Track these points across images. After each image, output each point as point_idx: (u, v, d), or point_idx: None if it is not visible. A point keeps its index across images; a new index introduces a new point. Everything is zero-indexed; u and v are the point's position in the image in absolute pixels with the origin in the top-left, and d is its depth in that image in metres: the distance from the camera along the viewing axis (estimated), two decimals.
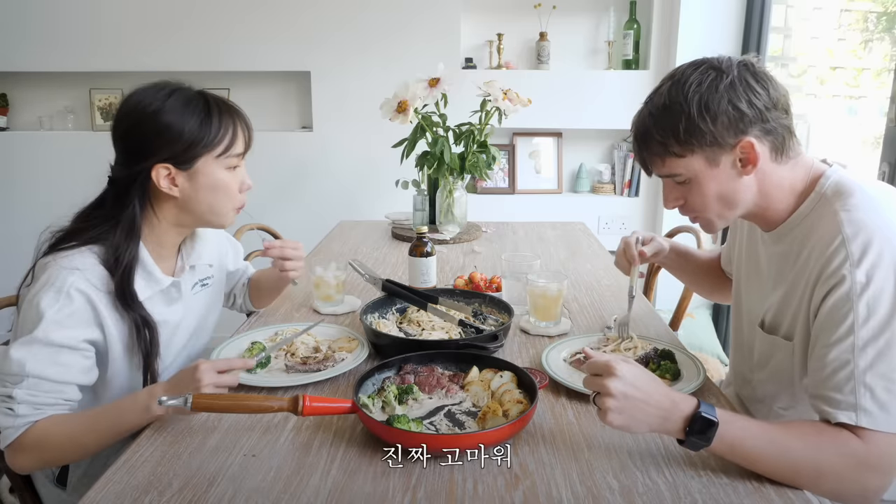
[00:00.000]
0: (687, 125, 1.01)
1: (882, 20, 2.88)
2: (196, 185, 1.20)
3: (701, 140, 1.02)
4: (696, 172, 1.05)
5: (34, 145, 3.23)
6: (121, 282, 1.16)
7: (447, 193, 2.31)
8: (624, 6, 3.16)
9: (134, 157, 1.18)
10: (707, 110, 1.00)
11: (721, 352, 2.96)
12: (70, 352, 1.11)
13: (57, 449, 1.09)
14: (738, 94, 1.00)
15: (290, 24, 3.07)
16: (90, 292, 1.13)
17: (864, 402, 0.91)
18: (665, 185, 1.13)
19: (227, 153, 1.21)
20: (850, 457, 0.90)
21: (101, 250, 1.16)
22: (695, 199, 1.09)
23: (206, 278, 1.40)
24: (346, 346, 1.34)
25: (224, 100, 1.24)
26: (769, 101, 1.01)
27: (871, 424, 0.90)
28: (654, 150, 1.08)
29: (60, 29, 3.08)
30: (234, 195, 1.25)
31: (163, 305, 1.27)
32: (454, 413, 1.09)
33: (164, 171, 1.17)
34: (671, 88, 1.04)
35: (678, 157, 1.05)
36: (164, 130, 1.16)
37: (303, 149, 3.22)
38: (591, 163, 3.40)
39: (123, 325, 1.18)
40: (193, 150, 1.17)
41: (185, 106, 1.17)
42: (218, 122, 1.19)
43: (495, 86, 2.21)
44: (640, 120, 1.10)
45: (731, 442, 0.91)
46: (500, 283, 1.69)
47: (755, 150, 1.01)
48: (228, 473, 0.94)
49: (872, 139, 2.55)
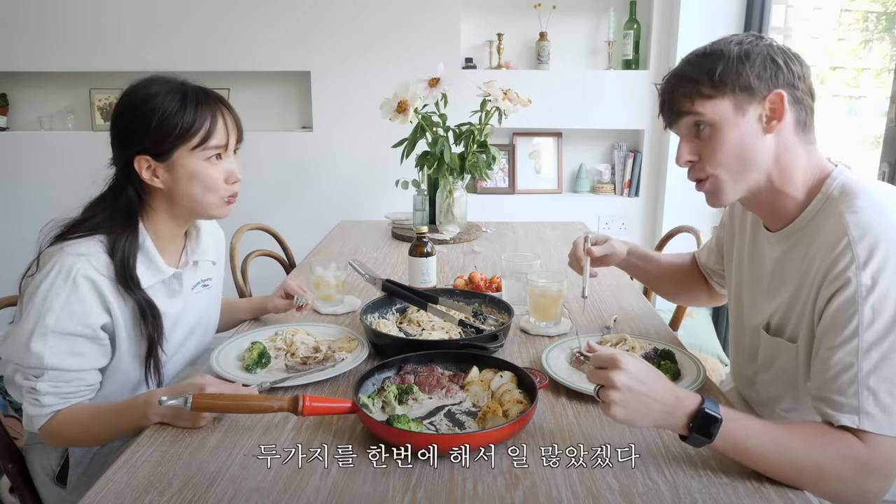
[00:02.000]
0: (725, 67, 1.03)
1: (882, 20, 2.88)
2: (175, 176, 1.21)
3: (735, 82, 1.02)
4: (721, 117, 1.04)
5: (34, 145, 3.23)
6: (122, 266, 1.18)
7: (447, 193, 2.31)
8: (624, 6, 3.16)
9: (118, 148, 1.21)
10: (747, 57, 1.02)
11: (721, 352, 2.96)
12: (85, 341, 1.15)
13: (74, 436, 1.18)
14: (777, 53, 1.03)
15: (290, 24, 3.07)
16: (95, 278, 1.15)
17: (867, 406, 0.90)
18: (682, 138, 1.10)
19: (204, 145, 1.20)
20: (852, 459, 0.90)
21: (104, 238, 1.19)
22: (713, 150, 1.06)
23: (207, 279, 1.40)
24: (346, 346, 1.34)
25: (206, 91, 1.23)
26: (802, 74, 1.04)
27: (874, 428, 0.90)
28: (684, 88, 1.06)
29: (60, 29, 3.08)
30: (217, 187, 1.24)
31: (164, 297, 1.28)
32: (454, 413, 1.09)
33: (144, 162, 1.19)
34: (713, 44, 1.07)
35: (707, 99, 1.04)
36: (140, 122, 1.18)
37: (303, 149, 3.22)
38: (591, 163, 3.40)
39: (127, 310, 1.20)
40: (167, 143, 1.18)
41: (162, 98, 1.18)
42: (193, 113, 1.18)
43: (495, 86, 2.22)
44: (677, 66, 1.10)
45: (734, 440, 0.91)
46: (500, 283, 1.69)
47: (784, 104, 1.02)
48: (228, 473, 0.94)
49: (872, 139, 2.55)
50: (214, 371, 1.22)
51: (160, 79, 1.22)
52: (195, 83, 1.24)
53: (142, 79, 1.23)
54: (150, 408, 1.07)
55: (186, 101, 1.19)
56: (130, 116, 1.20)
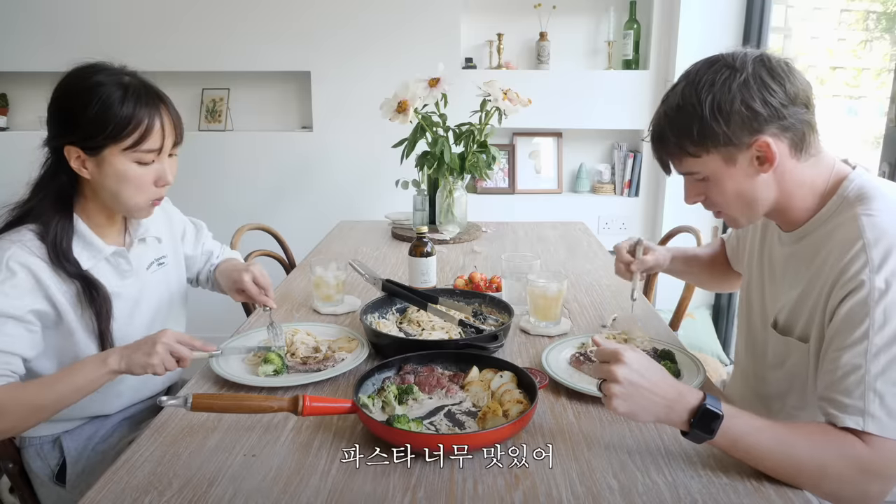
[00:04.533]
0: (701, 126, 1.01)
1: (882, 20, 2.88)
2: (103, 172, 1.18)
3: (715, 141, 1.02)
4: (713, 171, 1.06)
5: (34, 145, 3.21)
6: (54, 247, 1.17)
7: (447, 193, 2.31)
8: (624, 6, 3.16)
9: (52, 132, 1.20)
10: (720, 111, 1.00)
11: (721, 352, 2.96)
12: (15, 322, 1.11)
13: (15, 417, 1.08)
14: (752, 93, 0.99)
15: (290, 24, 3.07)
16: (30, 262, 1.14)
17: (873, 409, 0.90)
18: (686, 181, 1.13)
19: (136, 148, 1.16)
20: (854, 460, 0.90)
21: (36, 226, 1.18)
22: (715, 196, 1.10)
23: (161, 257, 1.39)
24: (346, 346, 1.35)
25: (149, 90, 1.19)
26: (786, 98, 1.00)
27: (878, 430, 0.90)
28: (670, 150, 1.09)
29: (60, 29, 3.08)
30: (144, 188, 1.21)
31: (115, 277, 1.27)
32: (454, 413, 1.09)
33: (74, 152, 1.17)
34: (685, 88, 1.04)
35: (694, 157, 1.05)
36: (72, 114, 1.16)
37: (303, 149, 3.22)
38: (591, 163, 3.40)
39: (70, 291, 1.19)
40: (98, 139, 1.15)
41: (105, 89, 1.15)
42: (129, 114, 1.14)
43: (495, 86, 2.21)
44: (657, 120, 1.10)
45: (735, 436, 0.91)
46: (500, 283, 1.69)
47: (771, 148, 1.01)
48: (228, 473, 0.94)
49: (872, 139, 2.55)
50: (215, 370, 1.22)
51: (106, 68, 1.19)
52: (141, 77, 1.20)
53: (88, 63, 1.20)
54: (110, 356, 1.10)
55: (126, 99, 1.15)
56: (69, 102, 1.17)
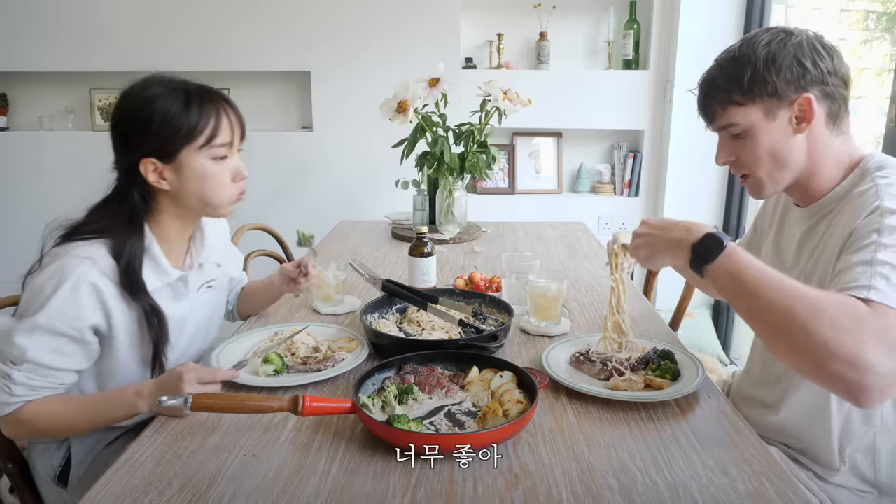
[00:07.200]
0: (752, 75, 1.08)
1: (882, 20, 2.88)
2: (182, 177, 1.20)
3: (762, 90, 1.07)
4: (752, 123, 1.10)
5: (34, 145, 3.23)
6: (127, 271, 1.17)
7: (447, 193, 2.31)
8: (624, 6, 3.16)
9: (122, 152, 1.20)
10: (773, 62, 1.06)
11: (721, 352, 2.96)
12: (71, 342, 1.14)
13: (48, 427, 1.17)
14: (805, 53, 1.06)
15: (290, 24, 3.07)
16: (99, 282, 1.14)
17: (878, 283, 0.91)
18: (721, 138, 1.17)
19: (210, 144, 1.19)
20: (852, 310, 0.88)
21: (110, 242, 1.18)
22: (747, 153, 1.14)
23: (211, 280, 1.40)
24: (346, 346, 1.34)
25: (207, 89, 1.22)
26: (832, 68, 1.07)
27: (881, 298, 0.90)
28: (717, 97, 1.13)
29: (60, 29, 3.08)
30: (225, 186, 1.23)
31: (170, 300, 1.27)
32: (454, 413, 1.09)
33: (150, 165, 1.18)
34: (742, 44, 1.11)
35: (738, 106, 1.10)
36: (143, 125, 1.17)
37: (303, 149, 3.22)
38: (590, 163, 3.40)
39: (131, 315, 1.20)
40: (173, 144, 1.17)
41: (165, 99, 1.17)
42: (198, 112, 1.17)
43: (495, 86, 2.21)
44: (709, 71, 1.15)
45: (735, 269, 0.95)
46: (500, 283, 1.69)
47: (812, 107, 1.06)
48: (228, 473, 0.94)
49: (872, 139, 2.55)
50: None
51: (159, 79, 1.21)
52: (196, 81, 1.23)
53: (139, 80, 1.21)
54: (141, 399, 1.11)
55: (190, 100, 1.17)
56: (133, 120, 1.18)
